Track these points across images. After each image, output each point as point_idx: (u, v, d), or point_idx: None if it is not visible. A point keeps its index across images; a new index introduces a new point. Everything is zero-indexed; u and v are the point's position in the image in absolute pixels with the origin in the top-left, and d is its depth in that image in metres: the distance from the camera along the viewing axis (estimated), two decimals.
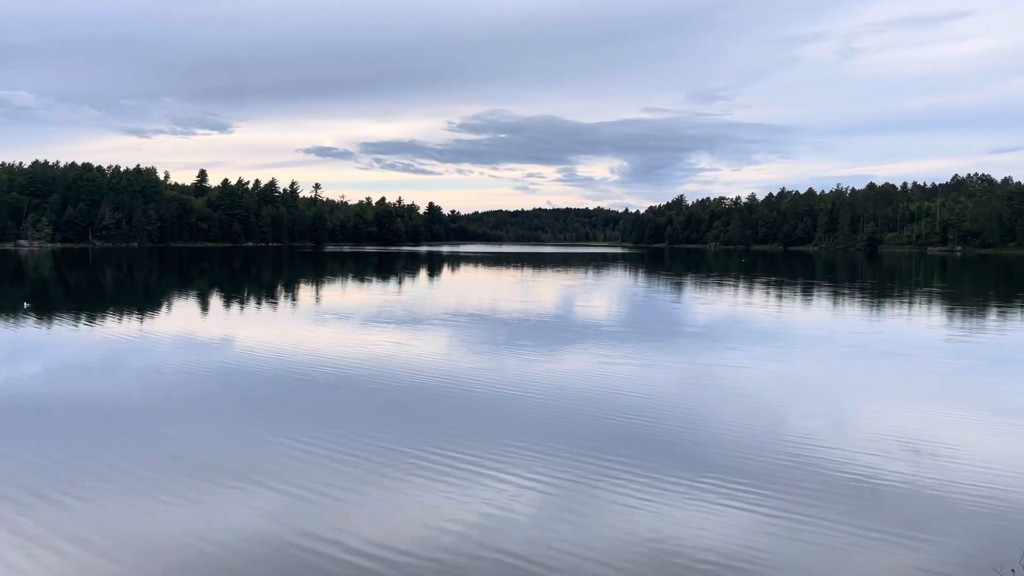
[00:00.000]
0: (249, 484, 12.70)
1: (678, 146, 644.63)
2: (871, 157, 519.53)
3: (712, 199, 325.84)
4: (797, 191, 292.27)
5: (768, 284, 70.12)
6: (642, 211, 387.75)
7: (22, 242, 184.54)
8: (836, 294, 58.25)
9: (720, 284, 70.30)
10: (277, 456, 14.24)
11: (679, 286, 67.98)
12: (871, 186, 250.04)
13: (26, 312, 39.51)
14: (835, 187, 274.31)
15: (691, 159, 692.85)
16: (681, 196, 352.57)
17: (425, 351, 27.38)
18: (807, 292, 60.15)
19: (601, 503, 12.09)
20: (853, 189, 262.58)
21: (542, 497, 12.33)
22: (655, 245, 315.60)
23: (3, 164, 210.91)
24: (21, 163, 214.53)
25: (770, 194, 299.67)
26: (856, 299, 53.63)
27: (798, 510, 11.83)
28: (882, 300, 52.82)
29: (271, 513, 11.49)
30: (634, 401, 19.10)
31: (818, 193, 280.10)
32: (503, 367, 24.07)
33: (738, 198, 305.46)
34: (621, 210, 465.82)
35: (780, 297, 55.59)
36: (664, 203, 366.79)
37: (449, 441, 15.32)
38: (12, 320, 36.08)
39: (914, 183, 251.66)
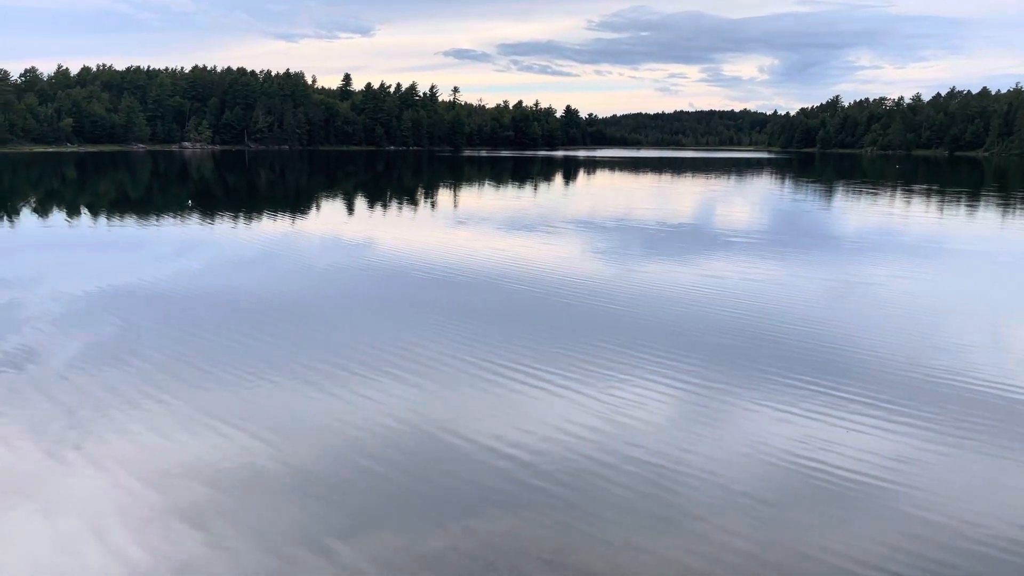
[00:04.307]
0: (388, 378, 13.41)
1: (835, 42, 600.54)
2: None
3: (871, 100, 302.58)
4: (968, 91, 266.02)
5: (927, 193, 65.28)
6: (792, 113, 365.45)
7: (185, 144, 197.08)
8: (1003, 205, 53.58)
9: (874, 192, 66.09)
10: (414, 353, 14.91)
11: (827, 194, 64.43)
12: None
13: (190, 209, 42.59)
14: (1013, 86, 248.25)
15: (849, 56, 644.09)
16: (836, 97, 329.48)
17: (559, 258, 27.54)
18: (971, 202, 55.61)
19: (734, 413, 12.00)
20: None
21: (675, 403, 12.37)
22: (805, 150, 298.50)
23: (166, 69, 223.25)
24: (182, 68, 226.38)
25: (937, 94, 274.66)
26: None
27: (942, 431, 11.31)
28: None
29: (408, 406, 12.12)
30: (770, 314, 18.59)
31: (993, 93, 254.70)
32: (637, 275, 23.90)
33: (900, 99, 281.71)
34: (769, 112, 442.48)
35: (940, 207, 51.75)
36: (817, 104, 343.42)
37: (582, 347, 15.51)
38: (178, 217, 39.05)
39: None
